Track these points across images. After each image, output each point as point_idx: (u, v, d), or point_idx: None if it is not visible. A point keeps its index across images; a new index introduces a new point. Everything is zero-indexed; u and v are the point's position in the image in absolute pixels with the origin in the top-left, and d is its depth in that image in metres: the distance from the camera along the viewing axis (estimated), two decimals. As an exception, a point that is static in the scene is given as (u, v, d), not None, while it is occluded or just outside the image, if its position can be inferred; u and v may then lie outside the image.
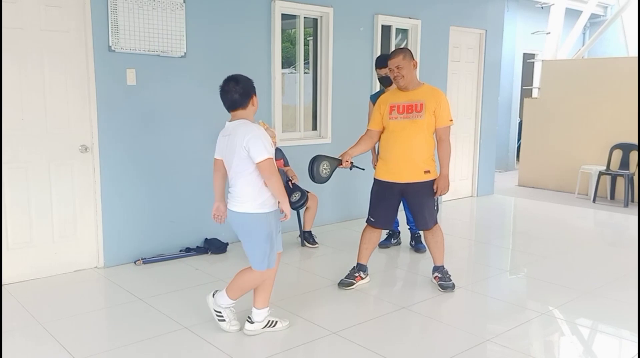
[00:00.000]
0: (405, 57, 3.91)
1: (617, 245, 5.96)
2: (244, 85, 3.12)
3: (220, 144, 3.22)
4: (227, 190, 3.26)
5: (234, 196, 3.17)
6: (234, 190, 3.16)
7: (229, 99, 3.11)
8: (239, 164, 3.09)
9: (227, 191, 3.29)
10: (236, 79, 3.12)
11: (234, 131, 3.11)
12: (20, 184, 4.13)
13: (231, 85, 3.09)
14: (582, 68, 8.71)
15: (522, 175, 9.36)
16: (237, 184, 3.14)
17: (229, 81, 3.12)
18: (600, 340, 3.54)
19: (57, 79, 4.20)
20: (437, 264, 4.24)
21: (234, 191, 3.16)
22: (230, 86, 3.09)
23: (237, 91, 3.09)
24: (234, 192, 3.16)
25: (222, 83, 3.14)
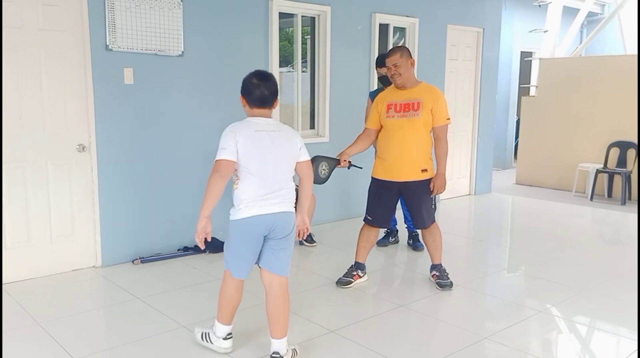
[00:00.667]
0: (403, 56, 3.91)
1: (614, 242, 5.98)
2: (275, 83, 2.90)
3: (257, 141, 2.80)
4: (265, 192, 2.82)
5: (284, 196, 2.88)
6: (278, 190, 2.86)
7: (263, 94, 2.84)
8: (291, 163, 2.92)
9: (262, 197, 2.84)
10: (268, 75, 2.90)
11: (281, 128, 2.92)
12: (18, 183, 4.12)
13: (268, 80, 2.87)
14: (580, 66, 8.72)
15: (519, 173, 9.37)
16: (289, 183, 2.91)
17: (263, 75, 2.88)
18: (598, 337, 3.55)
19: (54, 78, 4.19)
20: (435, 262, 4.24)
21: (284, 192, 2.88)
22: (268, 81, 2.86)
23: (271, 87, 2.86)
24: (284, 192, 2.88)
25: (258, 76, 2.86)
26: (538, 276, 4.57)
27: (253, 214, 2.81)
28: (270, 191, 2.83)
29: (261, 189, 2.81)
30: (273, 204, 2.84)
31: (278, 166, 2.85)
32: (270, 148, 2.82)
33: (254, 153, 2.78)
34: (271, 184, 2.83)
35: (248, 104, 2.88)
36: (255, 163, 2.79)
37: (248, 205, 2.81)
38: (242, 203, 2.82)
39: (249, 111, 2.90)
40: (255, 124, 2.84)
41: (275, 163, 2.84)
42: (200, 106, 4.94)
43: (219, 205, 2.79)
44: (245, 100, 2.89)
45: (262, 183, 2.81)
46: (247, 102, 2.87)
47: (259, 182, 2.80)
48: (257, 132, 2.81)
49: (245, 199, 2.81)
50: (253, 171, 2.79)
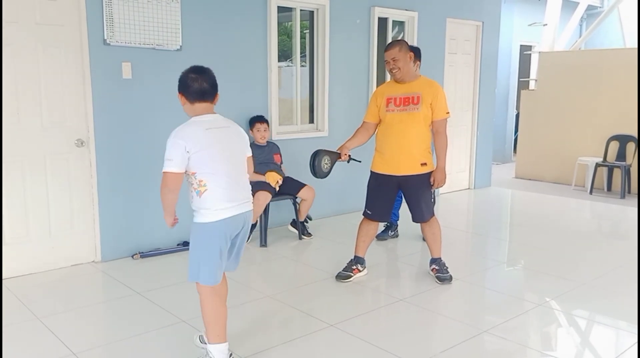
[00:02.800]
0: (402, 49, 3.89)
1: (613, 236, 5.98)
2: (213, 76, 2.75)
3: (210, 140, 2.66)
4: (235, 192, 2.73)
5: (246, 194, 2.80)
6: (243, 188, 2.79)
7: (202, 86, 2.68)
8: (245, 159, 2.84)
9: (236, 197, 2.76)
10: (205, 68, 2.74)
11: (229, 123, 2.81)
12: (17, 178, 4.12)
13: (205, 72, 2.71)
14: (579, 60, 8.70)
15: (519, 167, 9.37)
16: (245, 180, 2.82)
17: (200, 69, 2.72)
18: (597, 331, 3.55)
19: (52, 73, 4.18)
20: (434, 256, 4.24)
21: (244, 189, 2.79)
22: (205, 73, 2.71)
23: (209, 80, 2.71)
24: (244, 190, 2.79)
25: (195, 70, 2.71)
26: (537, 270, 4.57)
27: (230, 215, 2.69)
28: (239, 190, 2.75)
29: (232, 189, 2.70)
30: (243, 203, 2.77)
31: (237, 162, 2.77)
32: (227, 143, 2.73)
33: (213, 153, 2.65)
34: (236, 182, 2.74)
35: (188, 100, 2.70)
36: (217, 163, 2.66)
37: (226, 207, 2.67)
38: (215, 204, 2.65)
39: (190, 109, 2.72)
40: (203, 122, 2.69)
41: (235, 159, 2.76)
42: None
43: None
44: (184, 97, 2.71)
45: (231, 182, 2.70)
46: (187, 98, 2.70)
47: (228, 181, 2.68)
48: (207, 131, 2.67)
49: (219, 199, 2.66)
50: (219, 171, 2.66)
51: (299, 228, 5.29)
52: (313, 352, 3.15)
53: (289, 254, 4.95)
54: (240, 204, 2.74)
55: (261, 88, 5.41)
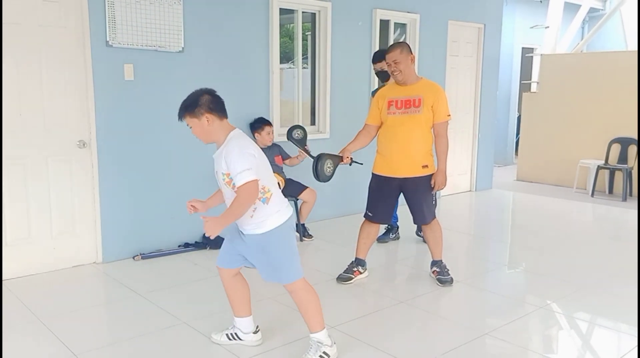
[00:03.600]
0: (403, 52, 3.89)
1: (615, 239, 5.97)
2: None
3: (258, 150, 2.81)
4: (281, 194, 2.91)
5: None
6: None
7: (223, 102, 2.84)
8: None
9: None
10: (211, 89, 2.87)
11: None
12: (19, 180, 4.13)
13: (215, 94, 2.85)
14: (581, 62, 8.70)
15: (520, 170, 9.37)
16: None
17: (209, 89, 2.86)
18: (599, 333, 3.55)
19: (54, 74, 4.19)
20: (435, 258, 4.24)
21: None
22: (216, 95, 2.84)
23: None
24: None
25: (206, 91, 2.82)
26: (538, 273, 4.56)
27: (291, 215, 2.85)
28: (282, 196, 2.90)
29: (281, 196, 2.87)
30: (289, 206, 2.91)
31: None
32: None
33: (264, 161, 2.81)
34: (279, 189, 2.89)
35: (218, 117, 2.77)
36: (267, 170, 2.82)
37: (286, 206, 2.86)
38: (281, 205, 2.82)
39: (219, 127, 2.77)
40: (242, 133, 2.83)
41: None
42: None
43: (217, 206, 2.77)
44: (214, 115, 2.75)
45: (278, 191, 2.87)
46: (218, 115, 2.77)
47: (277, 189, 2.86)
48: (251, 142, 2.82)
49: (282, 201, 2.84)
50: (271, 178, 2.82)
51: (300, 230, 5.29)
52: (314, 354, 3.15)
53: (290, 256, 4.95)
54: (287, 206, 2.89)
55: (263, 90, 5.41)
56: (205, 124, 2.75)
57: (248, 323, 3.11)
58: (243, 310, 3.09)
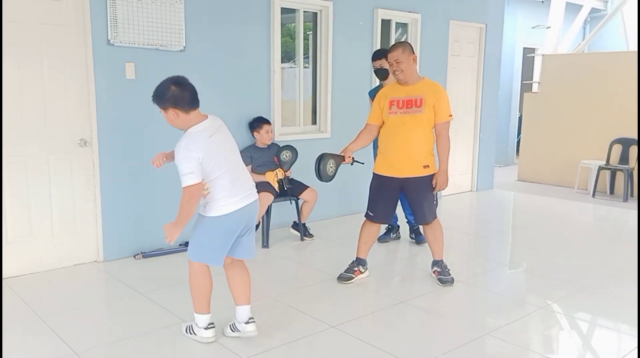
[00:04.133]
0: (405, 51, 3.89)
1: (616, 239, 5.96)
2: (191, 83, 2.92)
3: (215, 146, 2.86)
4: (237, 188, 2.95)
5: (248, 186, 3.03)
6: (246, 181, 3.02)
7: (192, 92, 2.86)
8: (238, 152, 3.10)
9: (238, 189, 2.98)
10: (182, 77, 2.90)
11: (219, 121, 3.01)
12: (20, 178, 4.13)
13: (185, 80, 2.88)
14: (583, 62, 8.70)
15: (521, 170, 9.36)
16: (245, 172, 3.08)
17: (178, 78, 2.87)
18: (599, 334, 3.55)
19: (56, 73, 4.19)
20: (436, 258, 4.24)
21: (246, 182, 3.02)
22: (185, 80, 2.87)
23: (192, 86, 2.89)
24: (246, 182, 3.03)
25: (173, 82, 2.85)
26: (539, 273, 4.56)
27: (235, 209, 2.92)
28: (240, 185, 2.97)
29: (234, 186, 2.93)
30: (247, 195, 2.99)
31: (237, 159, 3.02)
32: (226, 143, 2.97)
33: (219, 158, 2.86)
34: (237, 177, 2.97)
35: (183, 110, 2.82)
36: (222, 167, 2.87)
37: (227, 203, 2.91)
38: (219, 201, 2.90)
39: (185, 120, 2.84)
40: (204, 131, 2.85)
41: (234, 156, 3.00)
42: (201, 102, 4.90)
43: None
44: (178, 109, 2.81)
45: (234, 181, 2.93)
46: (182, 109, 2.81)
47: (231, 180, 2.91)
48: (210, 138, 2.85)
49: (223, 197, 2.90)
50: (222, 175, 2.88)
51: (301, 230, 5.29)
52: (314, 353, 3.16)
53: (290, 255, 4.95)
54: (244, 198, 2.97)
55: (264, 89, 5.41)
56: (172, 117, 2.86)
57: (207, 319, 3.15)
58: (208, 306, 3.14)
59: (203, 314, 3.12)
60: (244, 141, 5.26)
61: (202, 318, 3.12)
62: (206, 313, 3.12)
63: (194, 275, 3.07)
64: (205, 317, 3.12)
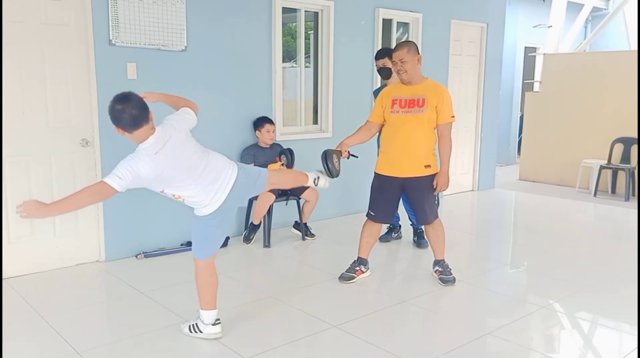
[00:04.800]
0: (410, 51, 3.89)
1: (617, 239, 5.96)
2: (138, 100, 2.82)
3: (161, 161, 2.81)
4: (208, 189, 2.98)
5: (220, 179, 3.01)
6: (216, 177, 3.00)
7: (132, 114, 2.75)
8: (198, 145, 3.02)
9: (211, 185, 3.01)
10: (127, 94, 2.81)
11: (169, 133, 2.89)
12: (22, 178, 4.14)
13: (129, 99, 2.78)
14: (584, 62, 8.69)
15: (523, 169, 9.36)
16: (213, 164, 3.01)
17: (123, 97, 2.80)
18: (600, 333, 3.55)
19: (57, 73, 4.20)
20: (437, 258, 4.24)
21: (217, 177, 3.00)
22: (129, 100, 2.78)
23: (136, 105, 2.78)
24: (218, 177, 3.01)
25: (116, 100, 2.80)
26: (540, 272, 4.56)
27: (215, 209, 3.01)
28: (209, 184, 2.97)
29: (206, 191, 2.97)
30: (221, 189, 3.00)
31: (197, 161, 2.94)
32: (180, 152, 2.88)
33: (171, 172, 2.86)
34: (206, 178, 2.95)
35: (126, 131, 2.80)
36: (179, 178, 2.89)
37: (206, 204, 3.00)
38: (199, 204, 3.01)
39: (132, 137, 2.82)
40: (148, 148, 2.78)
41: (194, 159, 2.93)
42: (203, 101, 4.90)
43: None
44: (120, 129, 2.82)
45: (205, 186, 2.96)
46: (124, 129, 2.80)
47: (201, 187, 2.95)
48: (156, 155, 2.79)
49: (201, 200, 2.99)
50: (184, 183, 2.91)
51: (302, 230, 5.29)
52: (316, 353, 3.16)
53: (292, 255, 4.96)
54: (219, 197, 3.00)
55: (265, 89, 5.42)
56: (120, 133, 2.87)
57: (214, 315, 3.20)
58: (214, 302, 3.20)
59: (209, 310, 3.16)
60: (246, 140, 5.27)
61: (209, 314, 3.16)
62: (213, 308, 3.17)
63: (199, 272, 3.16)
64: (212, 312, 3.16)
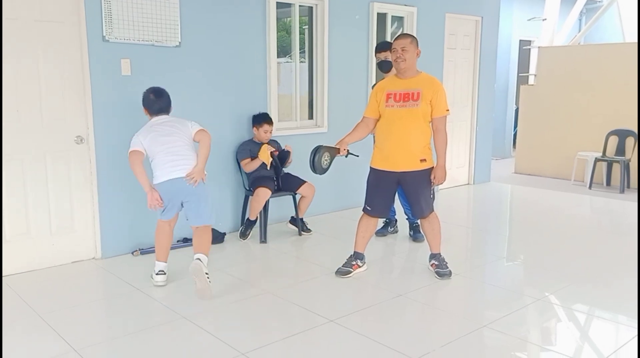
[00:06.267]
0: (413, 42, 3.91)
1: (613, 231, 5.99)
2: (167, 97, 4.01)
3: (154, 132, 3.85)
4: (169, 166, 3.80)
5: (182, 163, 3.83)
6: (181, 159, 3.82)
7: (161, 106, 3.96)
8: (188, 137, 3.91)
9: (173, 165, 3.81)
10: (162, 91, 4.01)
11: (171, 119, 3.97)
12: (17, 176, 4.12)
13: (163, 95, 4.00)
14: (579, 54, 8.70)
15: (518, 162, 9.38)
16: (184, 153, 3.86)
17: (158, 92, 3.99)
18: (597, 325, 3.57)
19: (51, 70, 4.18)
20: (433, 251, 4.25)
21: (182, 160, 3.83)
22: (162, 96, 3.99)
23: (165, 101, 3.99)
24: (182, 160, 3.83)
25: (152, 91, 3.97)
26: (536, 265, 4.58)
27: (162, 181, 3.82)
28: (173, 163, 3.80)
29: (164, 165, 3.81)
30: (177, 170, 3.80)
31: (175, 142, 3.84)
32: (167, 131, 3.86)
33: (155, 141, 3.82)
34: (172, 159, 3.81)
35: (149, 114, 3.97)
36: (158, 149, 3.82)
37: (158, 175, 3.83)
38: (155, 172, 3.85)
39: (150, 117, 3.97)
40: (152, 123, 3.93)
41: (173, 140, 3.84)
42: (198, 97, 4.92)
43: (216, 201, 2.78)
44: (147, 111, 3.98)
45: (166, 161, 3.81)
46: (149, 113, 3.97)
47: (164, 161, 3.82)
48: (151, 127, 3.89)
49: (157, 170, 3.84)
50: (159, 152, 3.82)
51: (299, 225, 5.29)
52: (313, 348, 3.17)
53: (288, 250, 4.96)
54: (170, 173, 3.81)
55: (260, 84, 5.40)
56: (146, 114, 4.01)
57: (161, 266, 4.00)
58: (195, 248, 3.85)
59: (157, 261, 3.98)
60: (241, 136, 5.26)
61: (157, 264, 3.97)
62: (159, 260, 3.97)
63: (156, 230, 4.00)
64: (158, 263, 3.97)
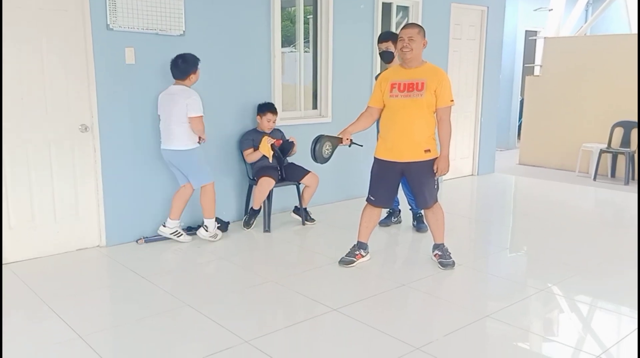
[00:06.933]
0: (420, 32, 3.88)
1: (617, 223, 5.98)
2: (187, 64, 4.39)
3: (160, 100, 4.50)
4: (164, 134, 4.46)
5: (171, 138, 4.44)
6: (170, 134, 4.42)
7: (172, 71, 4.43)
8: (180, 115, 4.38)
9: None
10: (184, 57, 4.40)
11: (177, 92, 4.39)
12: (21, 164, 4.14)
13: (177, 61, 4.39)
14: (585, 45, 8.64)
15: (523, 154, 9.35)
16: (174, 129, 4.39)
17: (177, 58, 4.39)
18: (599, 316, 3.57)
19: (56, 58, 4.18)
20: (437, 242, 4.25)
21: (170, 135, 4.42)
22: (177, 62, 4.39)
23: (179, 66, 4.38)
24: (171, 135, 4.43)
25: (175, 58, 4.41)
26: (540, 256, 4.58)
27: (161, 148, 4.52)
28: (165, 134, 4.45)
29: (163, 131, 4.49)
30: (166, 142, 4.45)
31: (170, 116, 4.38)
32: (167, 103, 4.43)
33: (160, 109, 4.50)
34: (165, 129, 4.44)
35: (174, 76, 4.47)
36: (160, 116, 4.50)
37: (161, 141, 4.50)
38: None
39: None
40: (165, 91, 4.49)
41: (169, 115, 4.39)
42: (202, 86, 4.91)
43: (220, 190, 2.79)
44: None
45: (162, 128, 4.49)
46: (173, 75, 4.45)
47: (161, 126, 4.51)
48: (160, 94, 4.51)
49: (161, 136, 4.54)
50: (160, 119, 4.50)
51: (302, 214, 5.30)
52: (316, 336, 3.18)
53: (292, 239, 4.97)
54: (163, 143, 4.49)
55: (265, 74, 5.39)
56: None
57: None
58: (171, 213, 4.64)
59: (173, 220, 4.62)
60: (245, 125, 5.26)
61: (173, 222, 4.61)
62: (174, 219, 4.61)
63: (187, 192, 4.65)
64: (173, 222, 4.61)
